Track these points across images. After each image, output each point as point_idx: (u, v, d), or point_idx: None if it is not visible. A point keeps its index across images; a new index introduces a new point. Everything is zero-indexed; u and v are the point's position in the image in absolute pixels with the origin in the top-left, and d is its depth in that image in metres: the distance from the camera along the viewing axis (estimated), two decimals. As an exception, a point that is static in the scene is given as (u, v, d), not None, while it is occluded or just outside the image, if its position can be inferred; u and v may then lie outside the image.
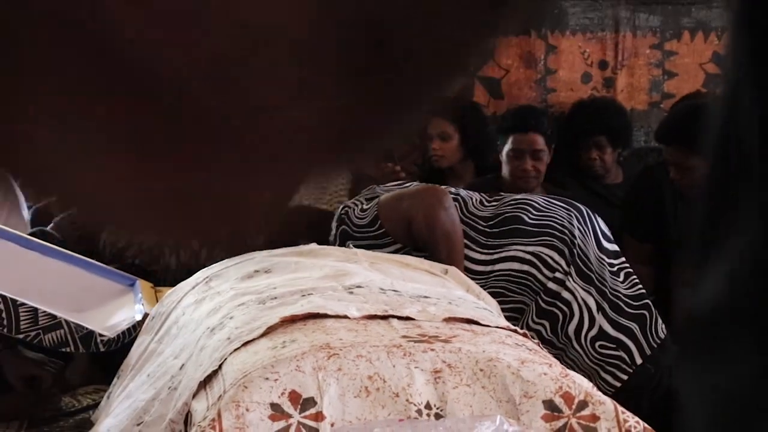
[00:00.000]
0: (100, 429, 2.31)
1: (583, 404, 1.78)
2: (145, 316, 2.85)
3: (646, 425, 1.77)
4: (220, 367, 1.92)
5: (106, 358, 3.00)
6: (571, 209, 3.23)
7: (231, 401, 1.75)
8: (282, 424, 1.73)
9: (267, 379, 1.78)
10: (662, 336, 3.18)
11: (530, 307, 3.13)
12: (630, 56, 4.88)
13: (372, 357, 1.82)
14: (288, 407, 1.75)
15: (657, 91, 4.87)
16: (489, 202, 3.23)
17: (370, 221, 3.09)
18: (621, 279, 3.20)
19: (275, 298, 2.20)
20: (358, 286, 2.24)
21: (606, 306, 3.14)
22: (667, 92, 4.85)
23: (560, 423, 1.76)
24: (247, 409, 1.74)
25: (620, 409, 1.78)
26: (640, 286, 3.24)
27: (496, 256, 3.13)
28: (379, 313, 2.04)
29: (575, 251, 3.14)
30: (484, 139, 4.23)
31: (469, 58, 0.37)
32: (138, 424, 2.13)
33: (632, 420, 1.76)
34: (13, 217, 4.46)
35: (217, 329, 2.13)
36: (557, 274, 3.13)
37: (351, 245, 2.89)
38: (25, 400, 3.14)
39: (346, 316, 2.02)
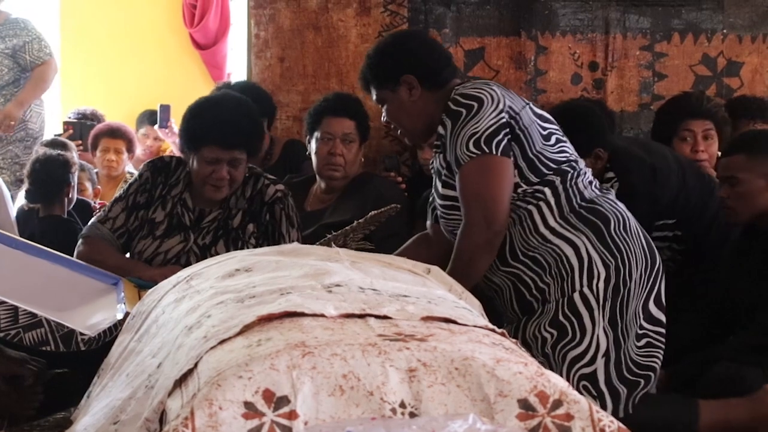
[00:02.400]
0: (77, 428, 2.30)
1: (557, 403, 1.77)
2: (127, 314, 2.83)
3: (620, 425, 1.76)
4: (195, 365, 1.91)
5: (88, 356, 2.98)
6: (650, 257, 3.13)
7: (204, 399, 1.74)
8: (255, 422, 1.72)
9: (241, 377, 1.77)
10: (629, 412, 3.06)
11: (551, 307, 3.07)
12: (620, 57, 4.87)
13: (347, 355, 1.81)
14: (262, 405, 1.74)
15: (647, 93, 4.86)
16: (597, 188, 3.21)
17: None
18: (640, 344, 3.10)
19: (254, 296, 2.18)
20: (338, 285, 2.22)
21: (612, 357, 3.05)
22: (657, 94, 4.84)
23: (535, 422, 1.75)
24: (221, 408, 1.73)
25: (595, 408, 1.77)
26: (656, 359, 3.13)
27: (562, 233, 3.08)
28: (356, 312, 2.03)
29: (620, 295, 3.05)
30: None
31: None
32: (114, 423, 2.12)
33: (606, 419, 1.75)
34: (-1, 214, 4.45)
35: (195, 328, 2.12)
36: (590, 296, 3.05)
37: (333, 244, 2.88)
38: (6, 398, 3.12)
39: (323, 315, 2.01)
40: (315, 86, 4.62)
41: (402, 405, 1.76)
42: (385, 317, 2.01)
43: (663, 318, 3.15)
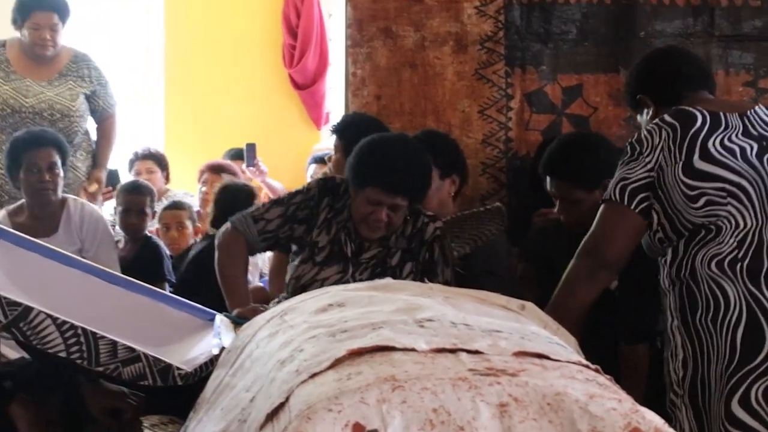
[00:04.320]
0: (172, 461, 2.32)
1: (652, 440, 1.73)
2: (223, 349, 2.85)
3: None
4: (287, 399, 1.92)
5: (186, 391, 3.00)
6: (740, 355, 2.87)
7: (295, 432, 1.75)
8: (345, 456, 1.72)
9: (331, 410, 1.77)
10: None
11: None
12: (722, 94, 4.76)
13: (437, 389, 1.80)
14: (351, 439, 1.74)
15: (750, 129, 4.77)
16: (731, 268, 3.02)
17: None
18: None
19: (346, 331, 2.18)
20: (429, 320, 2.21)
21: None
22: (760, 130, 4.75)
23: (629, 459, 1.72)
24: (311, 441, 1.73)
25: (691, 446, 1.73)
26: None
27: (666, 299, 3.05)
28: (448, 347, 2.02)
29: (698, 385, 2.93)
30: None
31: None
32: (208, 456, 2.14)
33: (702, 457, 1.71)
34: (102, 252, 4.54)
35: (287, 362, 2.12)
36: (674, 378, 3.00)
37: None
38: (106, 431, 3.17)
39: (414, 349, 2.00)
40: (411, 124, 4.62)
41: (493, 440, 1.75)
42: (477, 352, 2.00)
43: (755, 424, 2.85)
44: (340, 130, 4.22)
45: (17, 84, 5.19)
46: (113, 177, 5.77)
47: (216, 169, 6.04)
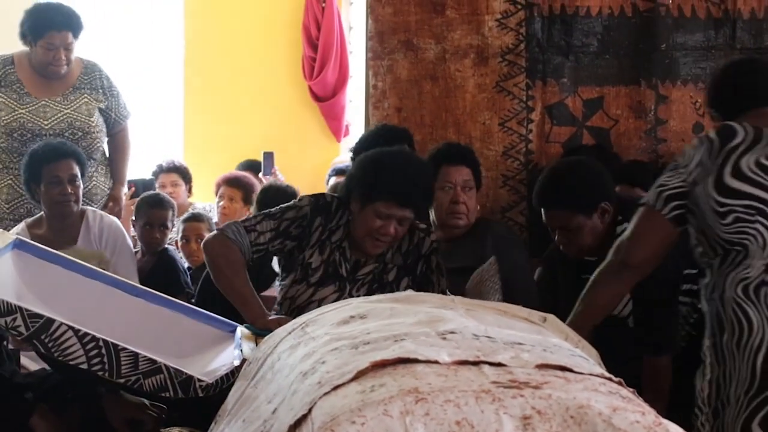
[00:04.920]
0: (193, 473, 2.32)
1: (676, 454, 1.73)
2: (244, 361, 2.86)
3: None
4: (309, 410, 1.92)
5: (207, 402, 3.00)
6: (760, 380, 2.87)
7: (318, 444, 1.74)
8: (368, 468, 1.71)
9: (354, 422, 1.77)
10: None
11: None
12: (743, 107, 4.76)
13: (460, 402, 1.80)
14: (375, 451, 1.73)
15: (771, 142, 4.75)
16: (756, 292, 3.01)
17: None
18: None
19: (368, 343, 2.18)
20: (452, 332, 2.21)
21: None
22: (781, 143, 4.72)
23: (653, 473, 1.71)
24: (333, 453, 1.73)
25: (715, 460, 1.73)
26: None
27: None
28: (470, 359, 2.01)
29: (719, 405, 2.94)
30: None
31: None
32: (229, 468, 2.14)
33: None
34: (122, 263, 4.55)
35: (310, 374, 2.12)
36: (699, 395, 3.02)
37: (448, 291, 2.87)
38: (127, 443, 3.18)
39: (436, 362, 2.00)
40: (432, 136, 4.63)
41: (516, 453, 1.74)
42: (500, 364, 1.99)
43: None
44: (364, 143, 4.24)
45: (33, 107, 5.07)
46: (149, 186, 5.79)
47: (232, 182, 6.04)
